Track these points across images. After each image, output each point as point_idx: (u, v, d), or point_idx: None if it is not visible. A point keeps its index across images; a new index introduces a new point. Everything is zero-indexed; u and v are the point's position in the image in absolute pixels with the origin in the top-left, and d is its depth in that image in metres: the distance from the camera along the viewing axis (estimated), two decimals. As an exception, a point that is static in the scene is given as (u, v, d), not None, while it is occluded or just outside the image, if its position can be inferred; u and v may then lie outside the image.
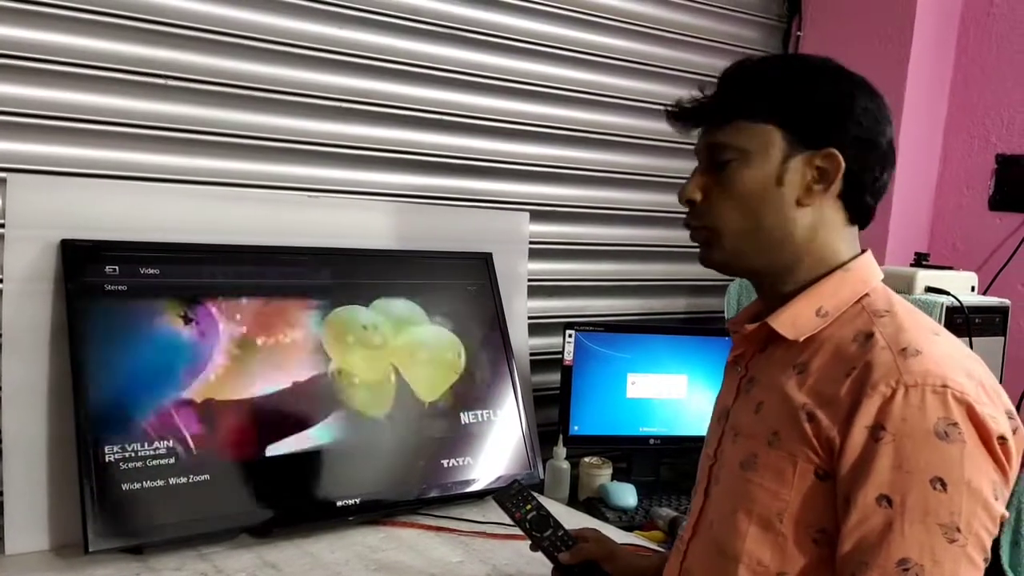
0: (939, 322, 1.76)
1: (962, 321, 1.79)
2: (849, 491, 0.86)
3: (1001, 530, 0.89)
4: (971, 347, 1.76)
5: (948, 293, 1.82)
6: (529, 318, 2.08)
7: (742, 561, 0.93)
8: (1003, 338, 1.90)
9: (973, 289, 1.94)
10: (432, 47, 1.92)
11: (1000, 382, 0.92)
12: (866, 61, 0.99)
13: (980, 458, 0.84)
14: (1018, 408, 1.77)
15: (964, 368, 0.88)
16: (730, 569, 0.94)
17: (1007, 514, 0.89)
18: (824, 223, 0.97)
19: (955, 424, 0.83)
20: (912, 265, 2.01)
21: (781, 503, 0.91)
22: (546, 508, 1.29)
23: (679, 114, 1.04)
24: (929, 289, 1.85)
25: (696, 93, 1.03)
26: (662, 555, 1.31)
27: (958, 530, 0.82)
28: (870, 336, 0.91)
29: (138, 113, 1.60)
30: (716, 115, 1.00)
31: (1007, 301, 1.93)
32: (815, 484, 0.89)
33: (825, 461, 0.88)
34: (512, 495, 1.32)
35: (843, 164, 0.94)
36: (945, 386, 0.84)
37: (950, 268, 1.99)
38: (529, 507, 1.29)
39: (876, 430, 0.84)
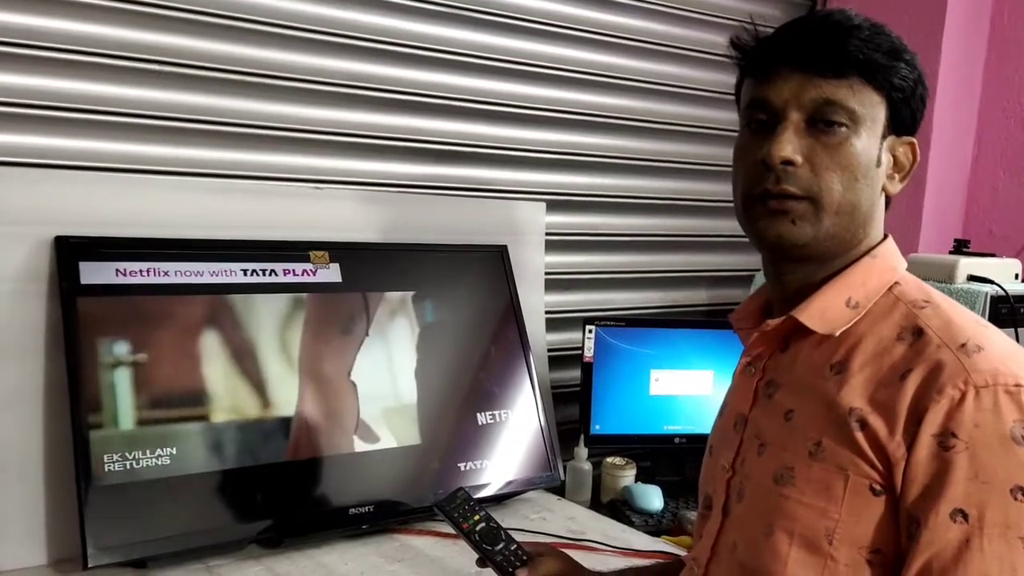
0: (983, 313, 1.70)
1: (1007, 311, 1.73)
2: (917, 507, 0.79)
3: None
4: (1017, 339, 1.70)
5: (992, 282, 1.76)
6: (547, 313, 2.03)
7: None
8: (1049, 328, 1.84)
9: (1016, 277, 1.88)
10: (439, 28, 1.87)
11: None
12: (897, 34, 0.92)
13: None
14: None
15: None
16: None
17: None
18: (881, 210, 0.93)
19: None
20: (952, 252, 1.95)
21: (830, 521, 0.83)
22: (496, 520, 1.19)
23: (775, 47, 0.89)
24: (972, 278, 1.79)
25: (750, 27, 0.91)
26: (645, 570, 1.24)
27: None
28: (919, 332, 0.84)
29: (131, 101, 1.55)
30: (834, 61, 0.86)
31: (1053, 289, 1.87)
32: (869, 500, 0.82)
33: (882, 475, 0.81)
34: (458, 504, 1.21)
35: (919, 157, 0.91)
36: (1019, 385, 0.78)
37: (992, 255, 1.93)
38: (477, 518, 1.19)
39: (946, 438, 0.77)
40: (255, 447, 1.47)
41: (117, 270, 1.42)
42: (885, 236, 0.94)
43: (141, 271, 1.44)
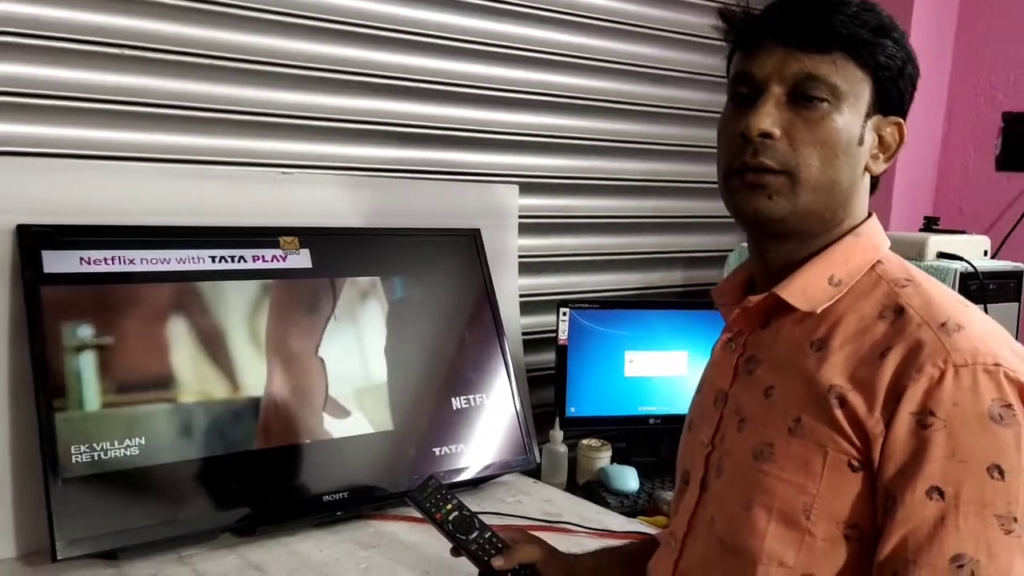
0: (953, 288, 1.71)
1: (976, 288, 1.74)
2: (894, 484, 0.79)
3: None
4: (986, 314, 1.71)
5: (962, 259, 1.77)
6: (521, 296, 2.03)
7: (760, 562, 0.85)
8: (1017, 304, 1.86)
9: (986, 254, 1.90)
10: (409, 10, 1.84)
11: None
12: None
13: None
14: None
15: (1007, 343, 0.82)
16: (746, 571, 0.86)
17: None
18: (864, 190, 0.92)
19: (1009, 406, 0.77)
20: (922, 230, 1.97)
21: (807, 497, 0.83)
22: (469, 508, 1.18)
23: (760, 21, 0.88)
24: (941, 255, 1.80)
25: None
26: (619, 550, 1.23)
27: (1015, 520, 0.76)
28: (900, 311, 0.84)
29: (93, 86, 1.52)
30: (818, 36, 0.84)
31: (1021, 265, 1.89)
32: (848, 476, 0.81)
33: (861, 451, 0.81)
34: (429, 493, 1.19)
35: (906, 137, 0.91)
36: (997, 364, 0.78)
37: (962, 232, 1.94)
38: (450, 507, 1.17)
39: (924, 416, 0.77)
40: (226, 434, 1.45)
41: (81, 259, 1.39)
42: (869, 215, 0.94)
43: (106, 259, 1.41)
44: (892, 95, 0.89)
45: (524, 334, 2.03)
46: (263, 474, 1.47)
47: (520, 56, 2.02)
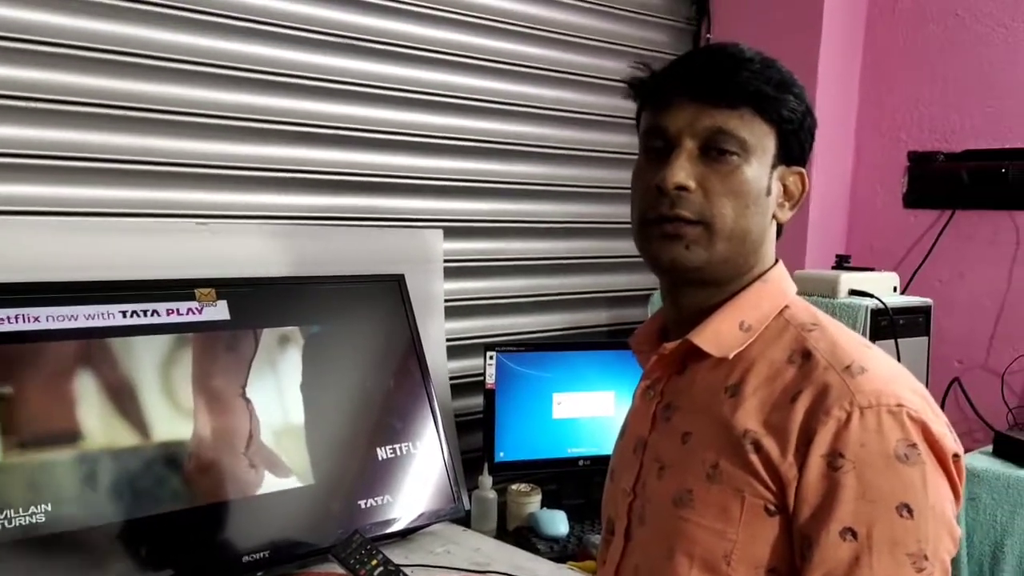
0: (863, 326, 1.75)
1: (887, 323, 1.79)
2: (809, 527, 0.80)
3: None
4: (897, 349, 1.76)
5: (872, 295, 1.81)
6: (447, 340, 2.01)
7: None
8: (927, 338, 1.91)
9: (895, 289, 1.95)
10: (323, 58, 1.82)
11: (925, 384, 0.90)
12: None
13: (939, 479, 0.81)
14: (942, 405, 1.79)
15: (908, 384, 0.85)
16: None
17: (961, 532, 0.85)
18: (772, 238, 0.95)
19: (914, 445, 0.80)
20: (834, 268, 2.01)
21: (727, 543, 0.84)
22: (394, 563, 1.14)
23: (669, 76, 0.91)
24: (853, 292, 1.84)
25: (648, 65, 0.94)
26: None
27: (925, 558, 0.78)
28: (807, 355, 0.86)
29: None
30: (727, 93, 0.87)
31: (929, 300, 1.95)
32: (764, 520, 0.83)
33: (776, 495, 0.82)
34: (354, 549, 1.17)
35: (808, 187, 0.94)
36: (900, 405, 0.81)
37: (872, 269, 2.00)
38: (375, 562, 1.15)
39: (834, 458, 0.79)
40: (140, 496, 1.39)
41: (-13, 317, 1.33)
42: (776, 261, 0.96)
43: (9, 318, 1.34)
44: (794, 147, 0.92)
45: (451, 379, 2.01)
46: (178, 536, 1.40)
47: (440, 103, 2.01)
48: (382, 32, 1.89)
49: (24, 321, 1.36)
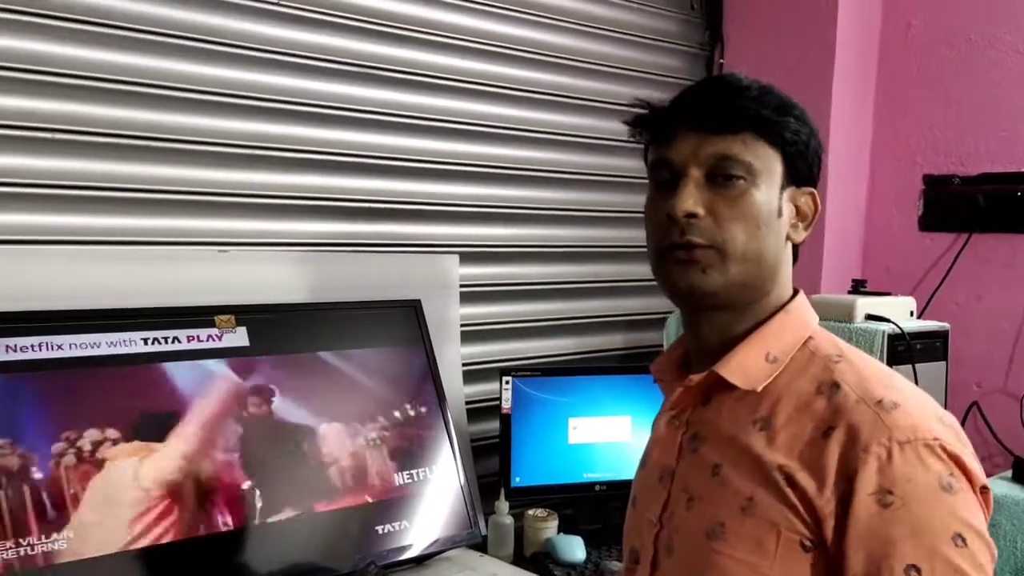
0: (881, 351, 1.75)
1: (904, 348, 1.78)
2: (868, 568, 0.79)
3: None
4: (915, 374, 1.75)
5: (889, 320, 1.81)
6: (463, 365, 2.01)
7: None
8: (944, 363, 1.89)
9: (912, 314, 1.94)
10: (341, 87, 1.84)
11: (944, 407, 0.90)
12: (789, 87, 0.96)
13: (976, 506, 0.82)
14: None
15: (936, 415, 0.85)
16: None
17: None
18: (788, 259, 0.96)
19: (952, 475, 0.80)
20: (850, 292, 2.01)
21: None
22: None
23: (670, 110, 0.93)
24: (869, 317, 1.83)
25: (639, 100, 0.96)
26: None
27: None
28: (836, 386, 0.86)
29: (20, 170, 1.48)
30: (727, 120, 0.89)
31: (947, 325, 1.93)
32: (800, 555, 0.83)
33: (812, 531, 0.82)
34: None
35: (820, 206, 0.95)
36: (936, 439, 0.81)
37: (888, 294, 1.99)
38: None
39: (883, 495, 0.79)
40: (155, 523, 1.40)
41: (7, 346, 1.34)
42: (796, 292, 0.97)
43: (32, 346, 1.36)
44: (802, 168, 0.93)
45: (468, 403, 2.01)
46: (196, 563, 1.41)
47: (456, 129, 2.03)
48: (402, 61, 1.92)
49: (47, 349, 1.37)
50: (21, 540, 1.26)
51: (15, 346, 1.35)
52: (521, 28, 2.12)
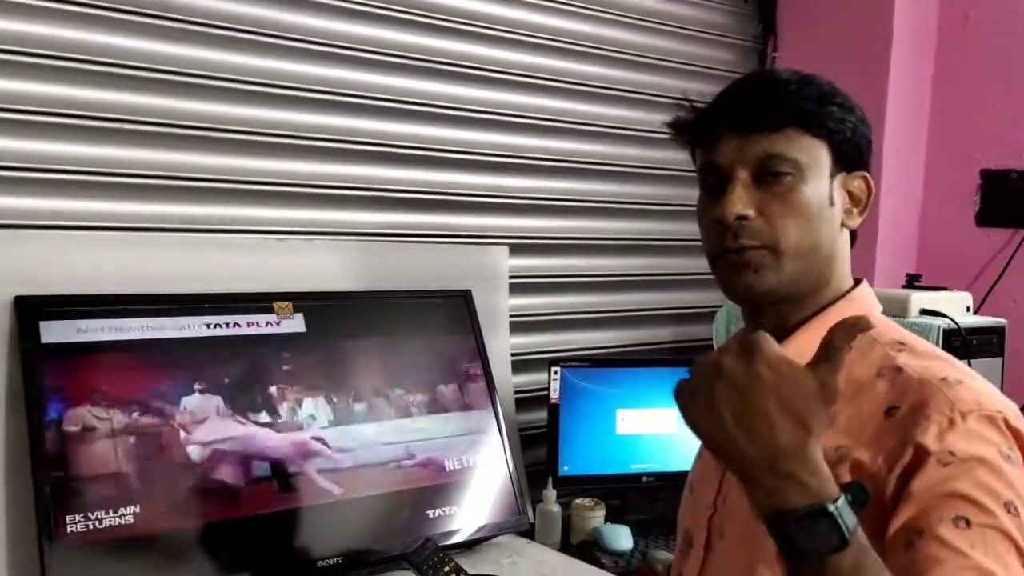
0: (936, 345, 1.72)
1: (960, 344, 1.75)
2: (915, 515, 0.78)
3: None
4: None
5: (944, 315, 1.78)
6: (512, 355, 2.02)
7: None
8: (1001, 359, 1.86)
9: (968, 309, 1.91)
10: (400, 80, 1.88)
11: None
12: (844, 80, 0.96)
13: None
14: None
15: (1001, 399, 0.85)
16: None
17: None
18: (844, 245, 0.95)
19: (1012, 448, 0.80)
20: (904, 287, 1.98)
21: None
22: (465, 570, 1.14)
23: (711, 113, 0.93)
24: (924, 312, 1.81)
25: (684, 101, 0.96)
26: None
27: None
28: (898, 370, 0.86)
29: (91, 159, 1.54)
30: (768, 118, 0.89)
31: (1003, 321, 1.90)
32: None
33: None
34: (427, 556, 1.16)
35: (873, 189, 0.94)
36: (1000, 411, 0.81)
37: (944, 289, 1.96)
38: (447, 569, 1.14)
39: (944, 456, 0.78)
40: (223, 501, 1.44)
41: (78, 328, 1.39)
42: (859, 281, 0.97)
43: (102, 328, 1.41)
44: (851, 153, 0.92)
45: (516, 392, 2.02)
46: (256, 540, 1.45)
47: (507, 122, 2.04)
48: (456, 55, 1.94)
49: (115, 332, 1.42)
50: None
51: (85, 328, 1.40)
52: (573, 21, 2.13)
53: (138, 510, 1.35)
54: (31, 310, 1.37)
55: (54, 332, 1.37)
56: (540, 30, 2.07)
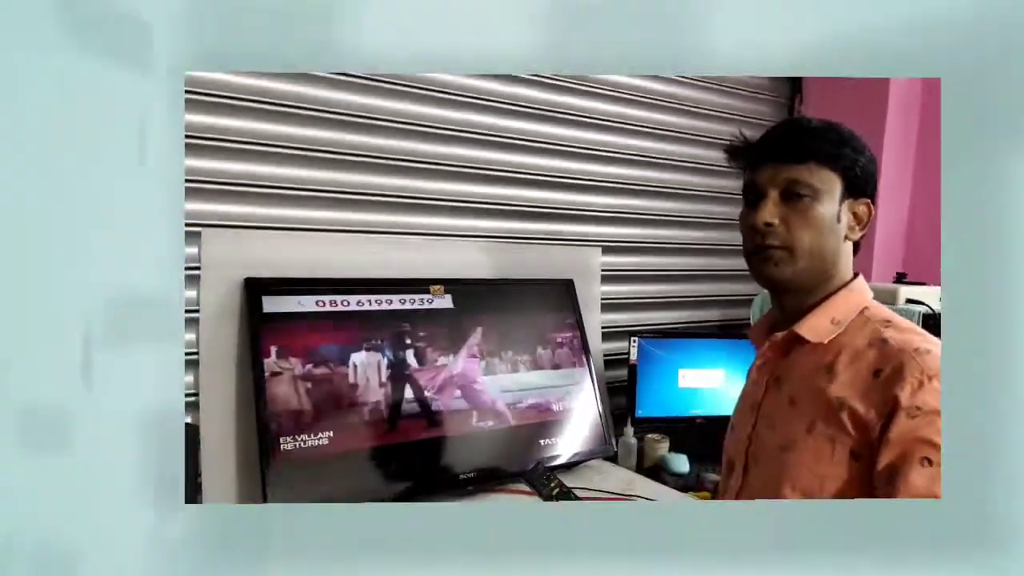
0: (917, 324, 1.41)
1: (934, 324, 1.44)
2: (894, 458, 0.74)
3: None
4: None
5: (924, 303, 1.49)
6: (602, 328, 1.79)
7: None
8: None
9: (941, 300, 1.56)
10: (526, 124, 1.67)
11: None
12: (853, 125, 0.85)
13: None
14: None
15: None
16: None
17: None
18: (847, 252, 0.85)
19: None
20: (894, 281, 1.69)
21: (820, 476, 0.78)
22: (567, 485, 0.99)
23: (756, 147, 0.84)
24: (909, 300, 1.52)
25: (739, 135, 0.87)
26: None
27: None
28: (884, 341, 0.78)
29: (302, 180, 1.39)
30: (795, 154, 0.81)
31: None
32: (848, 462, 0.77)
33: (860, 443, 0.76)
34: (539, 475, 1.06)
35: (874, 211, 0.84)
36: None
37: (924, 284, 1.64)
38: (553, 484, 1.02)
39: (912, 411, 0.73)
40: (393, 429, 1.28)
41: (298, 302, 1.26)
42: (856, 275, 0.87)
43: (312, 302, 1.27)
44: (858, 184, 0.83)
45: (605, 356, 1.79)
46: (415, 458, 1.29)
47: (603, 155, 1.80)
48: (579, 109, 1.74)
49: (320, 305, 1.29)
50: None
51: (299, 302, 1.26)
52: (653, 82, 1.87)
53: (332, 434, 1.21)
54: (256, 288, 1.25)
55: (272, 304, 1.24)
56: (633, 89, 1.83)
